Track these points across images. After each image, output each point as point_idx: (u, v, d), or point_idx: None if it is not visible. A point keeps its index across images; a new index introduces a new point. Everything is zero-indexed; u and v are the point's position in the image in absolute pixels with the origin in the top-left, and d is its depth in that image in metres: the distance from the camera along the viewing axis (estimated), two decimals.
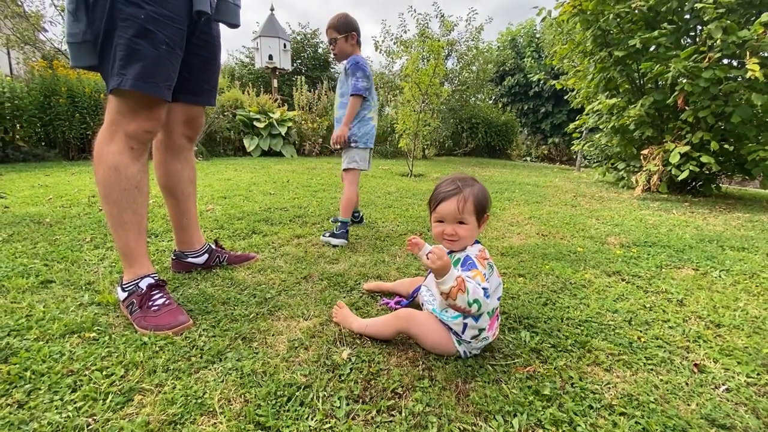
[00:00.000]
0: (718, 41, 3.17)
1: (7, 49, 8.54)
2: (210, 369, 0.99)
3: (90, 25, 1.07)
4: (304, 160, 7.03)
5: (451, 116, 9.49)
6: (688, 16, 3.78)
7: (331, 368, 1.00)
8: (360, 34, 2.18)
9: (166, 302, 1.21)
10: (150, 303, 1.20)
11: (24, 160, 5.46)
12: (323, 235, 2.11)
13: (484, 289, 0.95)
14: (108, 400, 0.86)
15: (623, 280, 1.69)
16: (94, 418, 0.82)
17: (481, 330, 1.04)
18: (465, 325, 1.04)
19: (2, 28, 6.51)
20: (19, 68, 7.86)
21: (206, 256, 1.63)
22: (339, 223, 2.10)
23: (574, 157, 9.50)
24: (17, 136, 5.60)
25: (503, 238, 2.31)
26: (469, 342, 1.05)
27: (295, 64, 13.80)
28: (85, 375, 0.94)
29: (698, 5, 3.26)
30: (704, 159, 3.65)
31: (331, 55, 14.74)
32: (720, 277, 1.77)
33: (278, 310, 1.30)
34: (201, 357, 1.03)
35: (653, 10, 3.77)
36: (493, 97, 13.13)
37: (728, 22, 3.18)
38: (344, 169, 2.24)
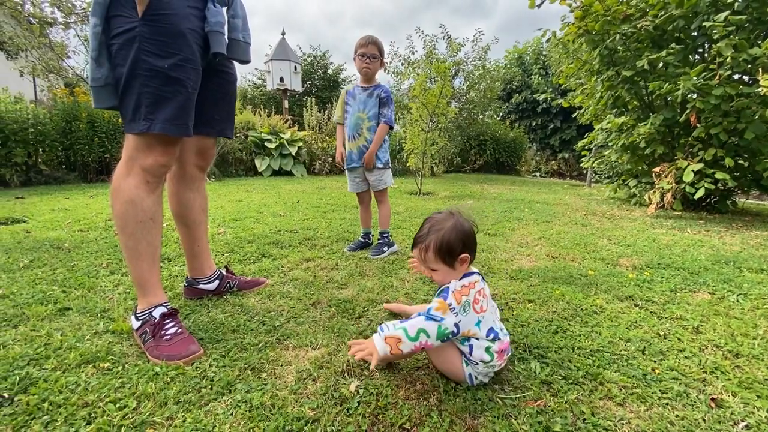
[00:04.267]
0: (729, 59, 3.17)
1: (33, 77, 8.96)
2: (220, 401, 0.99)
3: (112, 70, 1.13)
4: (313, 179, 7.13)
5: (459, 134, 9.56)
6: (695, 34, 3.79)
7: (339, 401, 1.00)
8: None
9: (178, 331, 1.23)
10: (162, 332, 1.22)
11: (46, 183, 5.66)
12: (380, 253, 2.29)
13: (432, 316, 1.02)
14: None
15: (636, 305, 1.66)
16: None
17: (489, 353, 1.04)
18: (471, 347, 1.05)
19: (29, 57, 6.86)
20: (42, 95, 8.22)
21: (217, 282, 1.66)
22: (386, 235, 2.38)
23: (585, 172, 9.43)
24: (39, 160, 5.82)
25: (512, 260, 2.29)
26: (477, 364, 1.04)
27: (305, 85, 14.14)
28: (99, 407, 0.96)
29: (707, 24, 3.27)
30: (719, 175, 3.59)
31: (346, 73, 15.05)
32: (738, 301, 1.73)
33: (287, 339, 1.31)
34: (211, 388, 1.04)
35: (660, 29, 3.79)
36: (501, 114, 13.21)
37: (738, 39, 3.18)
38: (379, 190, 2.40)
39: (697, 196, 3.63)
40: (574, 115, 5.89)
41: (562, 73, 4.98)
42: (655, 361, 1.22)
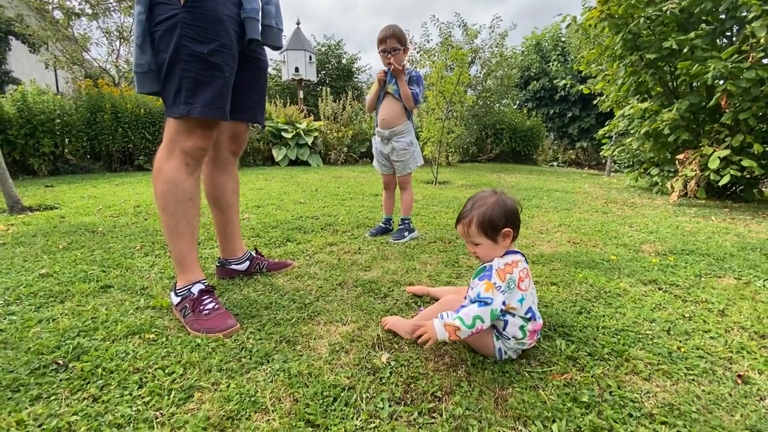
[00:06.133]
0: (762, 40, 3.06)
1: (54, 69, 9.20)
2: (259, 370, 1.05)
3: (155, 56, 1.18)
4: (329, 169, 7.18)
5: (475, 122, 9.45)
6: (723, 16, 3.66)
7: (372, 371, 1.05)
8: None
9: (216, 306, 1.30)
10: (201, 307, 1.29)
11: (72, 172, 5.86)
12: (401, 238, 2.32)
13: (483, 299, 1.02)
14: (171, 396, 0.94)
15: (660, 289, 1.67)
16: (161, 411, 0.90)
17: (523, 331, 1.08)
18: (507, 322, 1.08)
19: (53, 50, 7.04)
20: (67, 87, 8.45)
21: (248, 263, 1.72)
22: (407, 221, 2.40)
23: (603, 161, 9.25)
24: (66, 150, 6.01)
25: (533, 246, 2.30)
26: (509, 339, 1.08)
27: (319, 75, 14.13)
28: (149, 373, 1.03)
29: (741, 1, 3.14)
30: (745, 163, 3.50)
31: (360, 63, 14.99)
32: (764, 286, 1.71)
33: (317, 315, 1.37)
34: (250, 358, 1.10)
35: (686, 12, 3.67)
36: (518, 102, 12.97)
37: None
38: (404, 175, 2.40)
39: (721, 183, 3.55)
40: (594, 102, 5.77)
41: (583, 59, 4.87)
42: (680, 341, 1.23)
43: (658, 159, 4.73)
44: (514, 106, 11.97)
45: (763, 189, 4.57)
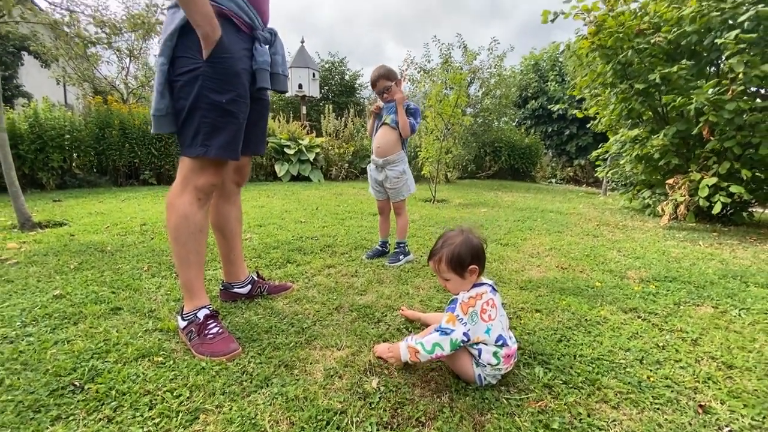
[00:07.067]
0: (740, 75, 3.21)
1: (63, 84, 9.45)
2: (259, 393, 1.15)
3: (174, 102, 1.31)
4: (330, 185, 7.32)
5: (474, 140, 9.64)
6: (709, 48, 3.82)
7: (363, 396, 1.14)
8: None
9: (220, 331, 1.40)
10: (206, 331, 1.39)
11: (79, 186, 5.99)
12: (396, 261, 2.42)
13: (444, 329, 1.16)
14: (179, 418, 1.03)
15: (639, 317, 1.76)
16: None
17: (497, 357, 1.17)
18: (480, 351, 1.18)
19: (64, 65, 7.27)
20: (77, 103, 8.67)
21: (249, 286, 1.83)
22: (402, 245, 2.51)
23: (601, 179, 9.39)
24: (74, 164, 6.16)
25: (523, 270, 2.40)
26: (485, 366, 1.17)
27: (322, 91, 14.41)
28: (158, 395, 1.12)
29: (718, 41, 3.32)
30: (734, 189, 3.62)
31: (363, 79, 15.30)
32: (739, 315, 1.80)
33: (314, 340, 1.46)
34: (251, 382, 1.20)
35: (674, 43, 3.84)
36: (517, 120, 13.20)
37: (750, 56, 3.22)
38: (397, 201, 2.51)
39: (714, 212, 3.65)
40: (588, 126, 5.93)
41: (577, 85, 5.04)
42: (651, 370, 1.32)
43: (650, 181, 4.86)
44: (513, 124, 12.18)
45: (754, 212, 4.67)
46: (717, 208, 3.64)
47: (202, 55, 1.27)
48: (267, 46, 1.48)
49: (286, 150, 7.70)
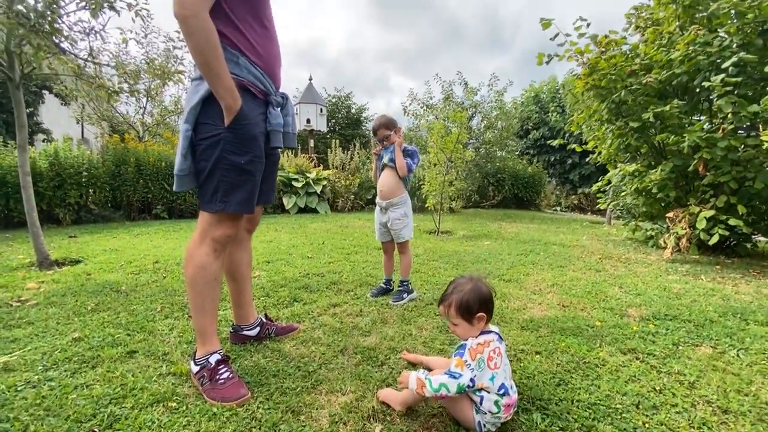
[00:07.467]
0: (729, 115, 3.34)
1: (82, 122, 9.91)
2: None
3: (196, 164, 1.45)
4: (337, 217, 7.45)
5: (476, 170, 9.82)
6: (699, 89, 3.98)
7: None
8: None
9: (230, 376, 1.47)
10: (217, 377, 1.46)
11: (94, 221, 6.19)
12: (400, 300, 2.49)
13: (452, 373, 1.22)
14: None
15: (637, 358, 1.79)
16: None
17: (497, 406, 1.22)
18: (482, 398, 1.23)
19: (85, 106, 7.68)
20: (95, 141, 9.06)
21: (258, 329, 1.90)
22: (406, 283, 2.59)
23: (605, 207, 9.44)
24: (89, 200, 6.39)
25: (525, 309, 2.45)
26: (486, 414, 1.22)
27: (329, 124, 14.88)
28: None
29: (705, 84, 3.48)
30: (732, 222, 3.67)
31: (369, 112, 15.81)
32: (738, 356, 1.83)
33: (320, 384, 1.52)
34: (260, 428, 1.26)
35: (665, 83, 4.01)
36: (519, 150, 13.44)
37: (736, 98, 3.35)
38: (401, 242, 2.61)
39: (711, 243, 3.70)
40: (587, 159, 6.06)
41: (573, 121, 5.22)
42: (647, 416, 1.36)
43: (651, 212, 4.92)
44: (516, 153, 12.40)
45: (757, 243, 4.68)
46: (714, 240, 3.67)
47: (224, 123, 1.41)
48: (279, 108, 1.63)
49: (294, 183, 7.91)
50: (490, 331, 1.33)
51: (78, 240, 4.66)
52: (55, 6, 2.96)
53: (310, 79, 10.92)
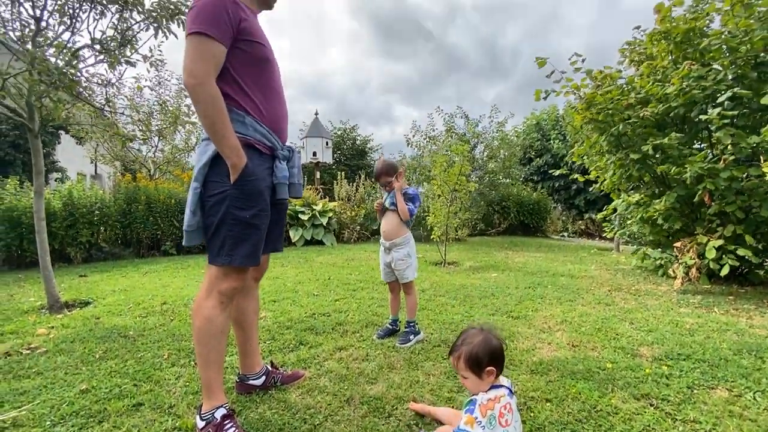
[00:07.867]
0: (729, 147, 3.38)
1: (95, 161, 10.25)
2: None
3: (204, 219, 1.51)
4: (343, 249, 7.48)
5: (481, 199, 9.87)
6: (697, 120, 4.04)
7: None
8: None
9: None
10: None
11: (104, 259, 6.28)
12: (407, 342, 2.47)
13: (462, 430, 1.21)
14: None
15: (651, 404, 1.75)
16: None
17: None
18: None
19: (98, 147, 7.97)
20: (109, 180, 9.33)
21: (264, 378, 1.89)
22: (412, 324, 2.58)
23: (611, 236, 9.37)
24: (100, 238, 6.51)
25: (534, 349, 2.41)
26: None
27: (335, 155, 15.19)
28: None
29: (703, 117, 3.54)
30: (741, 252, 3.62)
31: (374, 142, 16.13)
32: (754, 399, 1.78)
33: None
34: None
35: (662, 115, 4.08)
36: (523, 176, 13.53)
37: (735, 129, 3.40)
38: (405, 283, 2.61)
39: (722, 274, 3.64)
40: (591, 189, 6.09)
41: (574, 153, 5.29)
42: None
43: (659, 240, 4.87)
44: (520, 180, 12.47)
45: None
46: (725, 271, 3.62)
47: (230, 180, 1.47)
48: (285, 161, 1.70)
49: (301, 216, 8.00)
50: (501, 386, 1.31)
51: (88, 279, 4.72)
52: (75, 62, 3.16)
53: (316, 114, 11.25)
